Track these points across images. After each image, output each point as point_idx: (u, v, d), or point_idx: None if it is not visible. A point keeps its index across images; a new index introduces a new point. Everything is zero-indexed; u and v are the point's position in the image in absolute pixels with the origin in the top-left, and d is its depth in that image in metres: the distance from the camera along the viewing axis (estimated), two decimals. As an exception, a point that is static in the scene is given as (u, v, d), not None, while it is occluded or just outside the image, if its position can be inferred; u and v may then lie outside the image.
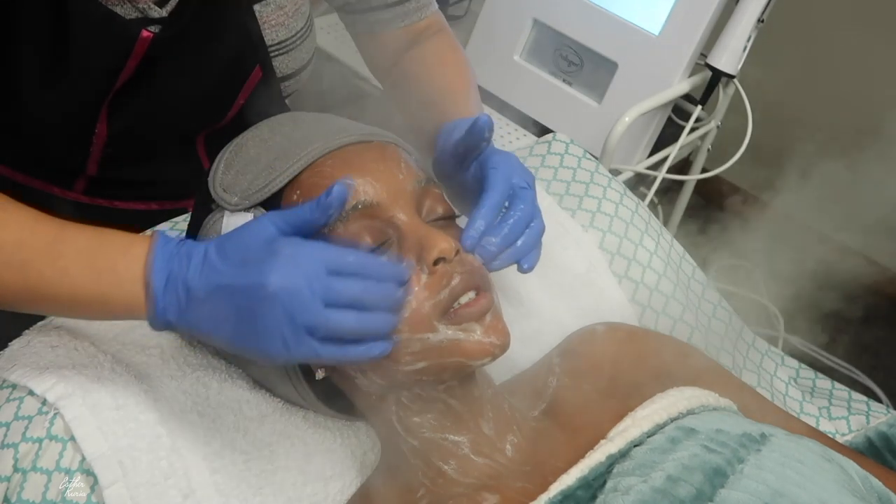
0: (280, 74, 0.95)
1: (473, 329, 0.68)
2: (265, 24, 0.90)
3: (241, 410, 0.77)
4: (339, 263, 0.63)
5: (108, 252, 0.66)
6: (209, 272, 0.63)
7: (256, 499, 0.74)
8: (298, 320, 0.61)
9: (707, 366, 0.86)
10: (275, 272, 0.61)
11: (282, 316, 0.61)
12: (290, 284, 0.61)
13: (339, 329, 0.62)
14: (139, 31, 0.82)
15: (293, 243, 0.63)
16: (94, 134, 0.89)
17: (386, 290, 0.64)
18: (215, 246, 0.65)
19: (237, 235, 0.65)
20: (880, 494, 0.70)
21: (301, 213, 0.65)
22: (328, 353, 0.63)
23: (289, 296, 0.61)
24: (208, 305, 0.63)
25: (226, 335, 0.64)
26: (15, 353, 0.74)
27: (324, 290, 0.62)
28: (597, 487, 0.67)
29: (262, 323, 0.61)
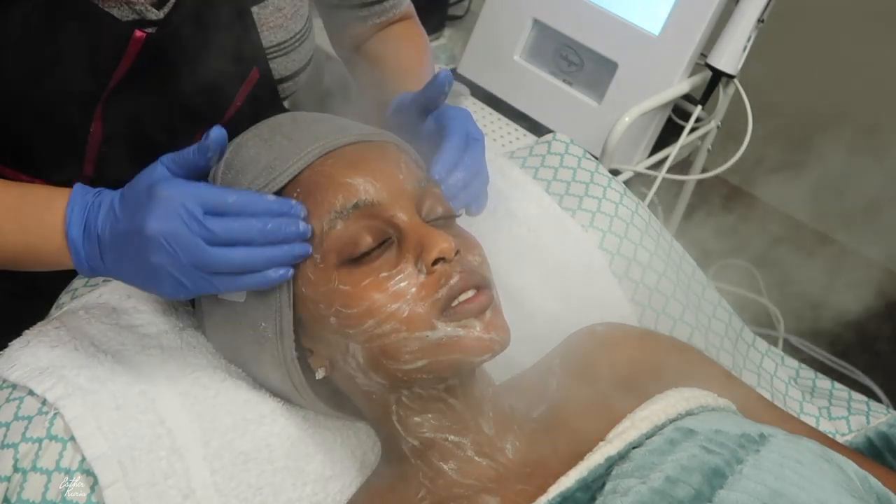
0: (278, 76, 0.95)
1: (473, 325, 0.68)
2: (263, 25, 0.90)
3: (241, 411, 0.77)
4: (218, 203, 0.66)
5: (33, 207, 0.70)
6: (112, 219, 0.68)
7: (256, 499, 0.74)
8: (183, 260, 0.64)
9: (707, 366, 0.86)
10: (151, 216, 0.64)
11: (166, 257, 0.64)
12: (166, 227, 0.64)
13: (226, 265, 0.65)
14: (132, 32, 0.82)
15: (173, 185, 0.66)
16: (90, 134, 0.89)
17: (273, 226, 0.66)
18: (120, 193, 0.68)
19: (135, 180, 0.68)
20: (879, 494, 0.70)
21: (186, 154, 0.68)
22: (224, 284, 0.66)
23: (166, 238, 0.64)
24: (114, 251, 0.67)
25: (132, 279, 0.69)
26: (15, 353, 0.74)
27: (201, 230, 0.64)
28: (595, 489, 0.67)
29: (151, 265, 0.65)
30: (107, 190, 0.70)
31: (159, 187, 0.65)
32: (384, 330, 0.67)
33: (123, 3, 0.81)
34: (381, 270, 0.68)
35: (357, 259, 0.69)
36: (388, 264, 0.69)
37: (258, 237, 0.66)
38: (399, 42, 1.02)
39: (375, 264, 0.69)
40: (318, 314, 0.70)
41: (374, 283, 0.68)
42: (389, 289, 0.67)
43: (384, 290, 0.67)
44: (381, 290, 0.67)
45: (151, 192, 0.65)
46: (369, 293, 0.67)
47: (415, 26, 1.06)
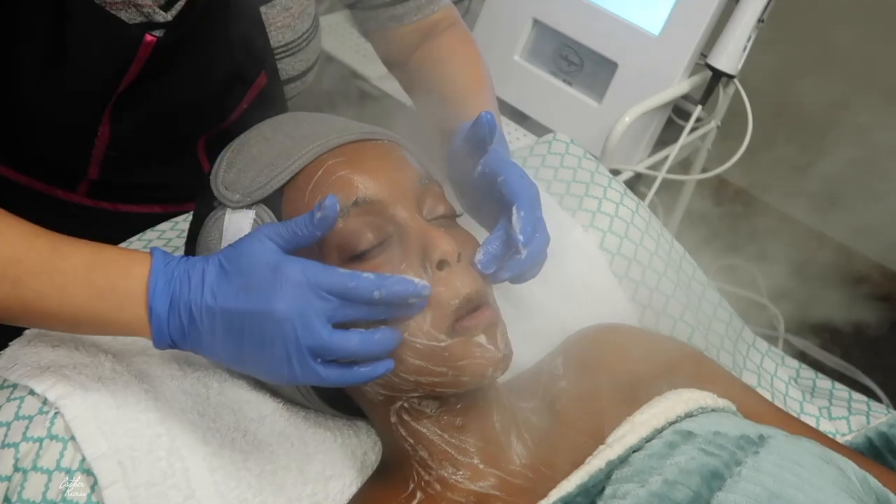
0: (286, 76, 0.95)
1: (480, 340, 0.68)
2: (271, 26, 0.90)
3: (242, 410, 0.77)
4: (339, 286, 0.63)
5: (107, 271, 0.65)
6: (212, 296, 0.64)
7: (257, 499, 0.74)
8: (303, 344, 0.62)
9: (707, 366, 0.86)
10: (280, 297, 0.62)
11: (289, 342, 0.62)
12: (296, 309, 0.62)
13: (343, 351, 0.63)
14: (142, 36, 0.81)
15: (296, 264, 0.63)
16: (97, 137, 0.89)
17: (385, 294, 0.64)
18: (215, 267, 0.65)
19: (237, 256, 0.65)
20: (878, 495, 0.70)
21: (296, 228, 0.65)
22: (333, 376, 0.64)
23: (295, 320, 0.62)
24: (212, 329, 0.64)
25: (231, 358, 0.65)
26: (15, 353, 0.74)
27: (331, 312, 0.63)
28: (595, 494, 0.67)
29: (268, 349, 0.62)
30: (187, 258, 0.66)
31: (285, 269, 0.63)
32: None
33: (131, 5, 0.81)
34: (384, 269, 0.68)
35: (358, 257, 0.69)
36: (392, 263, 0.69)
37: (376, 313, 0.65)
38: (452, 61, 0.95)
39: (377, 262, 0.69)
40: None
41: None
42: None
43: None
44: None
45: (278, 275, 0.63)
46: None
47: (464, 38, 1.00)
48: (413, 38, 0.98)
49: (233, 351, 0.64)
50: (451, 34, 0.98)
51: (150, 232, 0.96)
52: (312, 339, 0.62)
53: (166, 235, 0.97)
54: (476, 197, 0.79)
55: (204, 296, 0.64)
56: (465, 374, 0.68)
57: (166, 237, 0.97)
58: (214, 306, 0.63)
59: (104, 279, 0.65)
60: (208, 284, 0.64)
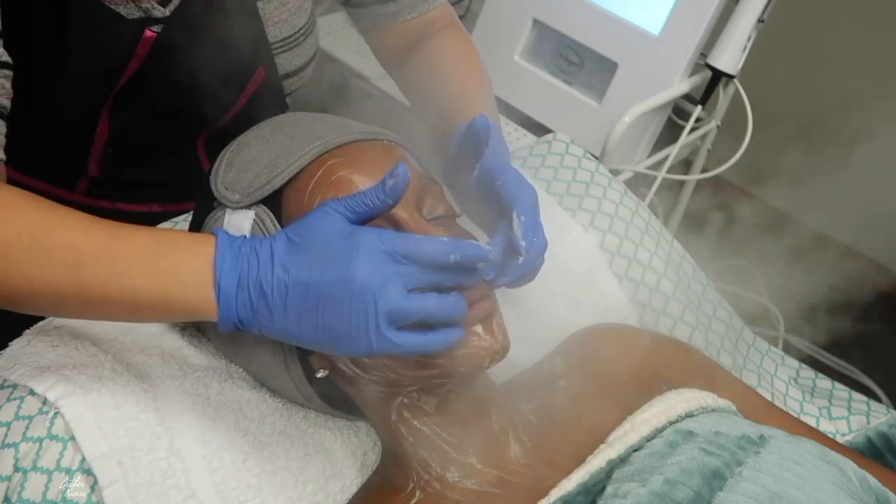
0: (283, 72, 0.95)
1: (476, 330, 0.68)
2: (268, 21, 0.90)
3: (242, 410, 0.77)
4: (411, 249, 0.62)
5: (170, 252, 0.64)
6: (283, 270, 0.62)
7: (257, 499, 0.74)
8: (381, 311, 0.61)
9: (707, 366, 0.86)
10: (359, 266, 0.61)
11: (368, 309, 0.61)
12: (374, 275, 0.61)
13: (420, 313, 0.62)
14: (142, 31, 0.82)
15: (372, 235, 0.62)
16: (96, 133, 0.89)
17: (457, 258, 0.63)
18: (283, 242, 0.63)
19: (306, 230, 0.63)
20: (878, 495, 0.70)
21: (365, 199, 0.64)
22: (408, 343, 0.62)
23: (373, 286, 0.60)
24: (284, 305, 0.62)
25: (304, 333, 0.63)
26: (15, 353, 0.74)
27: (405, 277, 0.62)
28: (596, 493, 0.67)
29: (346, 319, 0.61)
30: (254, 237, 0.65)
31: (359, 234, 0.62)
32: None
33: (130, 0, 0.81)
34: None
35: None
36: None
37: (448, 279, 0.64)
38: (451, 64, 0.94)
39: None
40: None
41: None
42: None
43: None
44: None
45: (353, 242, 0.62)
46: None
47: (461, 38, 0.98)
48: (408, 37, 0.97)
49: (307, 325, 0.63)
50: (448, 34, 0.97)
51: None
52: (390, 304, 0.61)
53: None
54: (474, 200, 0.79)
55: (275, 271, 0.62)
56: (461, 364, 0.68)
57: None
58: (287, 280, 0.62)
59: (167, 261, 0.64)
60: (278, 259, 0.62)
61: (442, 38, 0.96)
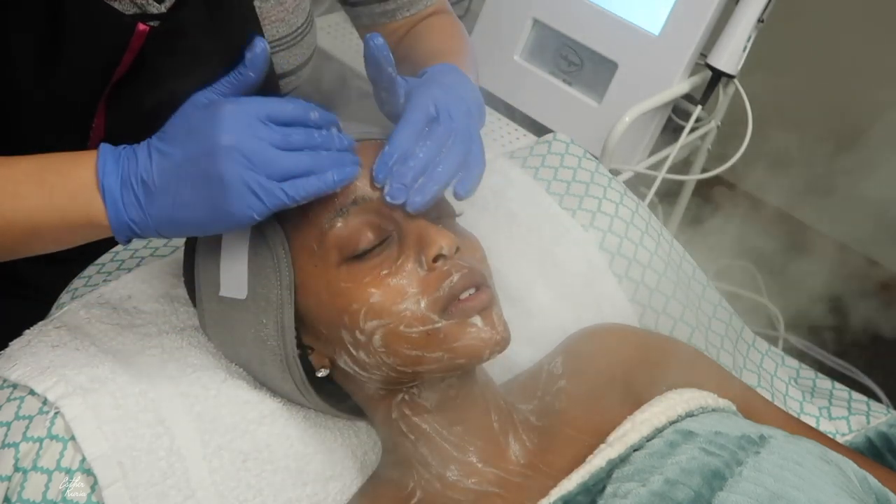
0: (281, 70, 0.95)
1: (475, 323, 0.68)
2: (265, 20, 0.90)
3: (241, 411, 0.77)
4: (280, 112, 0.65)
5: (56, 167, 0.67)
6: (159, 157, 0.65)
7: (256, 499, 0.74)
8: (257, 168, 0.62)
9: (707, 366, 0.86)
10: (221, 130, 0.63)
11: (240, 169, 0.62)
12: (240, 137, 0.62)
13: (296, 168, 0.64)
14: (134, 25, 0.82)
15: (232, 101, 0.65)
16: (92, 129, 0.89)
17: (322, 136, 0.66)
18: (158, 134, 0.66)
19: (175, 118, 0.66)
20: (878, 494, 0.70)
21: (228, 79, 0.67)
22: (293, 190, 0.64)
23: (241, 148, 0.62)
24: (168, 190, 0.64)
25: (195, 214, 0.64)
26: (15, 353, 0.74)
27: (272, 136, 0.63)
28: (596, 493, 0.67)
29: (227, 182, 0.62)
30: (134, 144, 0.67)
31: (220, 104, 0.64)
32: (385, 328, 0.67)
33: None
34: (382, 268, 0.68)
35: (358, 256, 0.69)
36: (389, 261, 0.69)
37: (316, 143, 0.66)
38: (434, 34, 0.97)
39: (376, 261, 0.69)
40: (319, 312, 0.70)
41: (374, 280, 0.68)
42: (390, 285, 0.68)
43: (385, 287, 0.67)
44: (381, 287, 0.67)
45: (214, 110, 0.64)
46: (370, 290, 0.67)
47: (449, 18, 1.01)
48: (402, 32, 1.00)
49: (196, 204, 0.64)
50: (437, 17, 1.00)
51: (150, 232, 0.96)
52: (264, 161, 0.63)
53: (166, 235, 0.97)
54: None
55: (153, 159, 0.65)
56: (460, 356, 0.68)
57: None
58: (164, 164, 0.64)
59: (55, 175, 0.66)
60: (154, 149, 0.65)
61: (430, 20, 0.99)
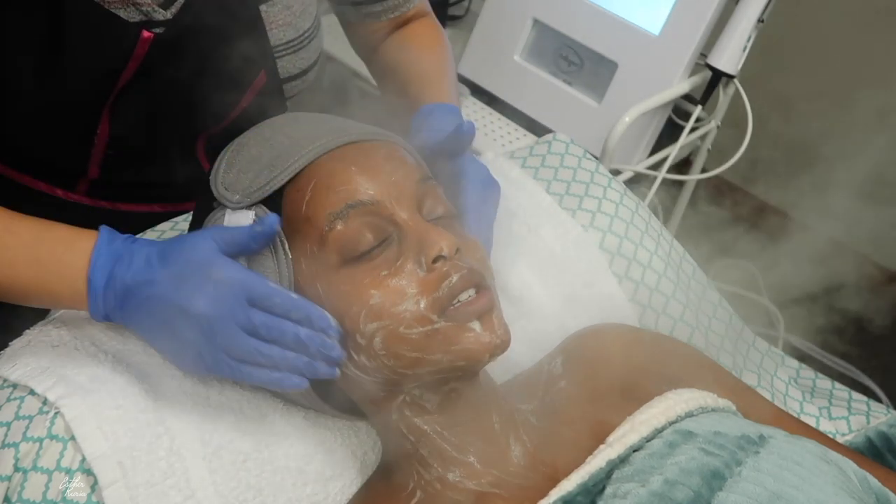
0: (286, 75, 0.95)
1: (473, 326, 0.68)
2: (272, 24, 0.90)
3: (242, 410, 0.77)
4: (264, 299, 0.67)
5: (53, 246, 0.70)
6: (147, 279, 0.68)
7: (256, 499, 0.74)
8: (218, 342, 0.66)
9: (707, 366, 0.86)
10: (202, 296, 0.66)
11: (202, 337, 0.66)
12: (214, 311, 0.65)
13: (255, 358, 0.67)
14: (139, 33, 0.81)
15: (227, 268, 0.67)
16: (96, 135, 0.89)
17: (307, 337, 0.67)
18: (158, 252, 0.69)
19: (179, 246, 0.69)
20: (878, 494, 0.70)
21: (238, 236, 0.69)
22: (243, 373, 0.67)
23: (211, 321, 0.65)
24: (142, 308, 0.68)
25: (151, 338, 0.71)
26: (16, 353, 0.74)
27: (245, 321, 0.66)
28: (596, 493, 0.67)
29: (182, 338, 0.67)
30: (140, 240, 0.70)
31: (215, 268, 0.67)
32: (385, 329, 0.67)
33: (130, 3, 0.81)
34: (382, 269, 0.68)
35: (358, 258, 0.69)
36: (389, 262, 0.69)
37: (291, 343, 0.67)
38: (418, 46, 1.01)
39: (376, 263, 0.69)
40: None
41: (374, 281, 0.68)
42: (390, 287, 0.68)
43: (384, 289, 0.67)
44: (381, 288, 0.68)
45: (206, 272, 0.67)
46: (370, 292, 0.68)
47: (431, 25, 1.05)
48: (385, 31, 1.04)
49: (153, 333, 0.70)
50: (419, 23, 1.04)
51: (150, 232, 0.96)
52: (226, 339, 0.66)
53: (166, 235, 0.97)
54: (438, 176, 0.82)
55: (142, 276, 0.68)
56: (460, 359, 0.68)
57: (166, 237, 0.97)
58: (150, 292, 0.67)
59: (49, 254, 0.69)
60: (149, 268, 0.68)
61: (411, 27, 1.03)
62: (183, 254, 0.68)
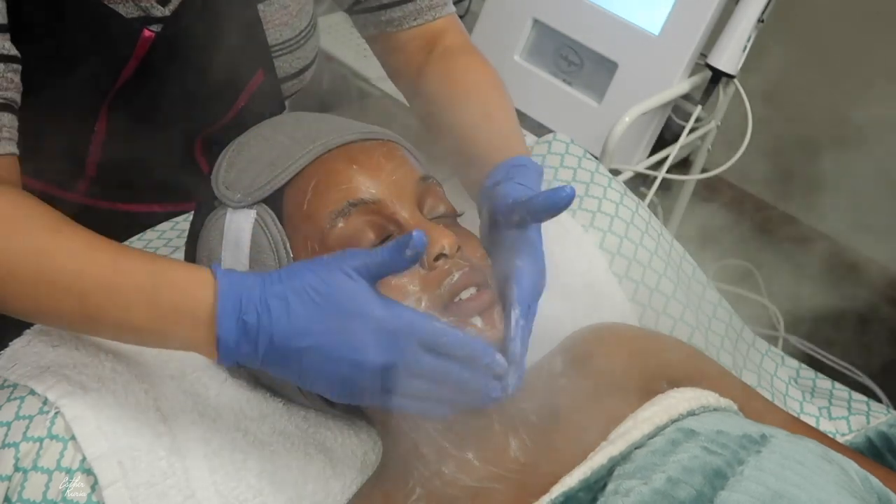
0: (283, 74, 0.95)
1: (475, 322, 0.68)
2: (269, 23, 0.90)
3: (242, 410, 0.77)
4: (432, 341, 0.64)
5: (169, 293, 0.65)
6: (301, 330, 0.62)
7: (257, 499, 0.74)
8: (385, 385, 0.64)
9: (707, 366, 0.86)
10: (375, 348, 0.62)
11: (373, 383, 0.64)
12: (388, 362, 0.63)
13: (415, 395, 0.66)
14: (141, 31, 0.81)
15: (393, 313, 0.63)
16: (94, 133, 0.89)
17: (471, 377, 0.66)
18: (301, 299, 0.63)
19: (326, 289, 0.63)
20: (880, 494, 0.70)
21: (383, 262, 0.63)
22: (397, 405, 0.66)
23: (385, 370, 0.63)
24: (294, 359, 0.63)
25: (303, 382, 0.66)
26: (16, 353, 0.74)
27: (416, 366, 0.64)
28: (597, 490, 0.67)
29: (349, 384, 0.64)
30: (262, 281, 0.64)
31: (382, 317, 0.63)
32: None
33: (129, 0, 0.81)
34: None
35: None
36: None
37: (454, 380, 0.66)
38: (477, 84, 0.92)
39: (377, 261, 0.69)
40: None
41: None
42: (391, 285, 0.67)
43: (386, 286, 0.67)
44: (382, 285, 0.67)
45: (370, 320, 0.63)
46: None
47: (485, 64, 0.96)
48: (416, 45, 0.96)
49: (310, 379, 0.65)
50: (472, 58, 0.96)
51: (150, 232, 0.96)
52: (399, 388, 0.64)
53: (166, 235, 0.97)
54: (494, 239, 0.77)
55: (291, 328, 0.62)
56: None
57: (166, 237, 0.97)
58: (303, 342, 0.62)
59: (167, 301, 0.64)
60: (296, 317, 0.63)
61: (463, 59, 0.95)
62: (336, 299, 0.63)
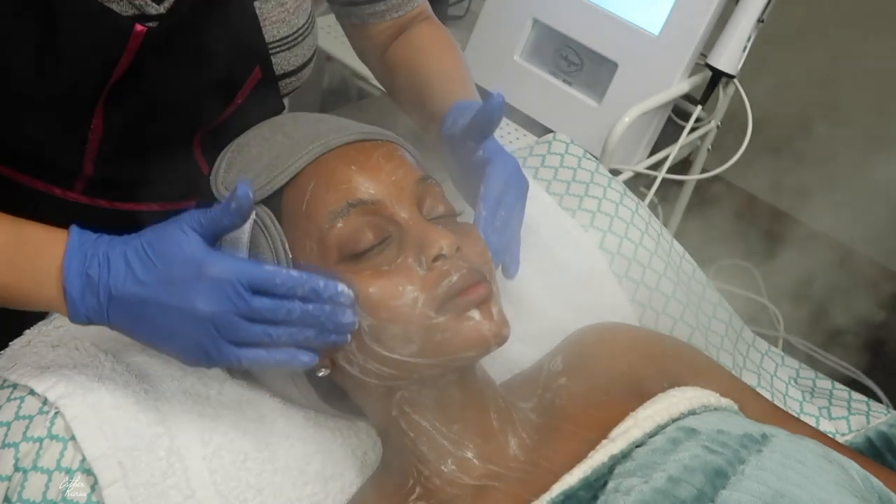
0: (281, 71, 0.95)
1: (473, 315, 0.68)
2: (266, 20, 0.90)
3: (242, 410, 0.77)
4: (267, 283, 0.65)
5: (26, 250, 0.68)
6: (134, 283, 0.65)
7: (256, 499, 0.74)
8: (222, 336, 0.64)
9: (708, 365, 0.86)
10: (200, 296, 0.64)
11: (204, 334, 0.64)
12: (216, 309, 0.64)
13: (262, 342, 0.66)
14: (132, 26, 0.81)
15: (220, 263, 0.65)
16: (90, 131, 0.89)
17: (316, 310, 0.66)
18: (135, 251, 0.66)
19: (159, 243, 0.66)
20: (881, 494, 0.70)
21: (214, 217, 0.66)
22: (249, 358, 0.66)
23: (213, 318, 0.64)
24: (132, 312, 0.66)
25: (149, 339, 0.68)
26: (16, 353, 0.74)
27: (249, 311, 0.64)
28: (598, 488, 0.67)
29: (186, 338, 0.65)
30: (112, 238, 0.68)
31: (208, 266, 0.65)
32: (384, 326, 0.67)
33: None
34: (382, 267, 0.68)
35: (358, 256, 0.69)
36: (388, 261, 0.69)
37: (300, 320, 0.66)
38: (437, 47, 0.99)
39: (376, 261, 0.69)
40: None
41: (373, 279, 0.68)
42: (389, 284, 0.68)
43: (384, 286, 0.67)
44: (380, 286, 0.68)
45: (198, 269, 0.64)
46: (369, 289, 0.68)
47: (440, 27, 1.03)
48: (389, 32, 1.02)
49: (153, 335, 0.67)
50: (427, 26, 1.03)
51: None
52: (232, 331, 0.64)
53: (166, 235, 0.96)
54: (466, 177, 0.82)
55: (126, 281, 0.65)
56: (460, 350, 0.68)
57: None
58: (136, 293, 0.65)
59: (24, 259, 0.68)
60: (132, 270, 0.66)
61: (421, 28, 1.02)
62: (167, 252, 0.66)
